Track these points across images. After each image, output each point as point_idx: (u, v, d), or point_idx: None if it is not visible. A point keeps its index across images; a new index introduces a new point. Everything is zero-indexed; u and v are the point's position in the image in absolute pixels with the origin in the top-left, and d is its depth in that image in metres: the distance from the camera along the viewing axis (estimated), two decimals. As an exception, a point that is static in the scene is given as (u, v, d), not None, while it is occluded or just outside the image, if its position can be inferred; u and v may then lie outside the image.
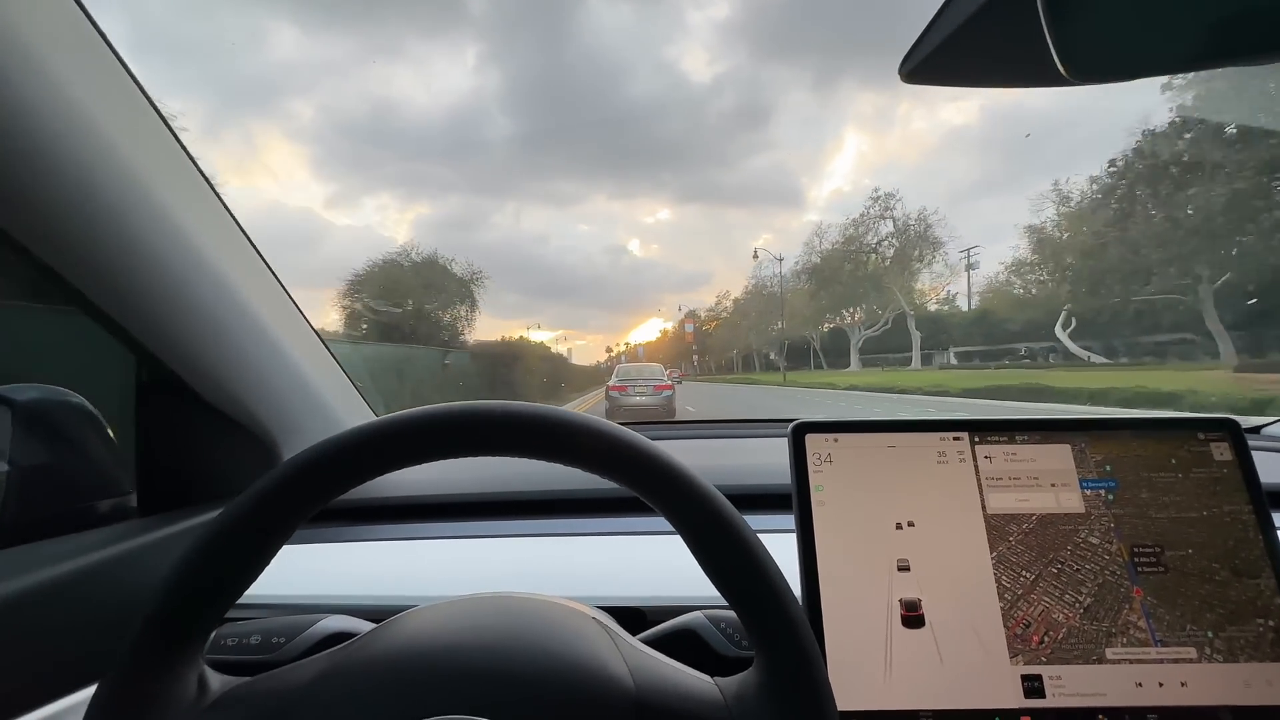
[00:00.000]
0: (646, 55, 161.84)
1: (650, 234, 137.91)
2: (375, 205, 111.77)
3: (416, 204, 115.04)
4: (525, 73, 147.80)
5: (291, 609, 0.53)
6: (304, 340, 0.71)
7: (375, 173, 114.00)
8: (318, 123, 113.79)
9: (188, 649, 0.32)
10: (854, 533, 0.47)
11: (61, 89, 0.43)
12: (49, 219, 0.45)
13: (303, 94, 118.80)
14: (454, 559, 0.63)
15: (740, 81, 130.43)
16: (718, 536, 0.33)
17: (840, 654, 0.43)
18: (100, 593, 0.52)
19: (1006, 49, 0.36)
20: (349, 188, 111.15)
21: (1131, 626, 0.44)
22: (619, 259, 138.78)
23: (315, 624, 0.47)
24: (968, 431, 0.49)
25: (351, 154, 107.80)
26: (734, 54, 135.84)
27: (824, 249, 42.34)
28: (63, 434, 0.62)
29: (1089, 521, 0.47)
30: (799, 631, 0.32)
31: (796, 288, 44.85)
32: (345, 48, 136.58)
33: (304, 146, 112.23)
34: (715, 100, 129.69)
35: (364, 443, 0.33)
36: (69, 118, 0.43)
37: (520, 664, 0.33)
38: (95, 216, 0.46)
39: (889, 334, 36.97)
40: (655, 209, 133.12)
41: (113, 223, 0.47)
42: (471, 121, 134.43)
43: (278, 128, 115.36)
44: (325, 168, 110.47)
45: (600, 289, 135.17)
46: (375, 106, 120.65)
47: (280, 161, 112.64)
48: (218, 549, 0.32)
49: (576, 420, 0.33)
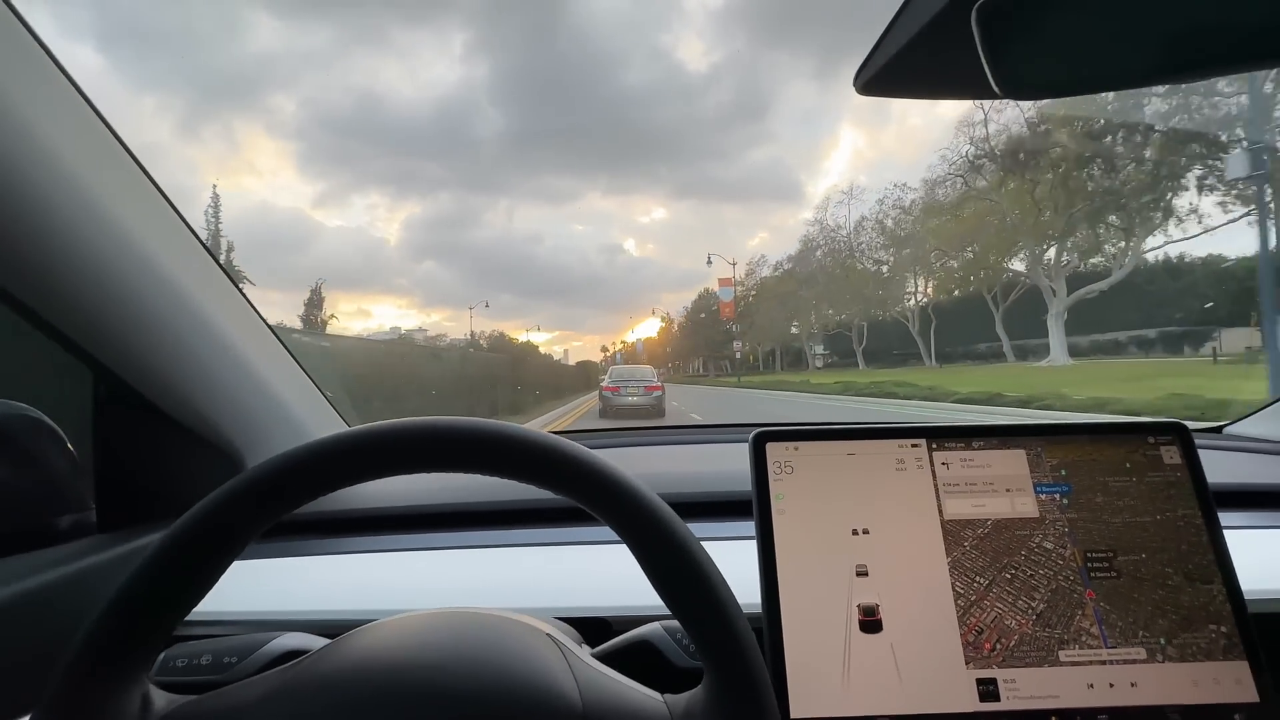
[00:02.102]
0: (641, 42, 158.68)
1: (646, 233, 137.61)
2: (365, 205, 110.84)
3: (407, 202, 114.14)
4: (514, 62, 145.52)
5: (248, 625, 0.53)
6: (267, 349, 0.71)
7: (363, 169, 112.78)
8: (301, 118, 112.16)
9: (131, 669, 0.32)
10: (813, 540, 0.47)
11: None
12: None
13: (284, 87, 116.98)
14: (417, 571, 0.63)
15: (739, 69, 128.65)
16: (662, 550, 0.33)
17: (799, 660, 0.44)
18: (56, 612, 0.51)
19: (950, 65, 0.37)
20: (337, 186, 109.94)
21: (1084, 633, 0.44)
22: (615, 258, 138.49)
23: (268, 643, 0.46)
24: (925, 438, 0.50)
25: (338, 150, 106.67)
26: (732, 40, 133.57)
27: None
28: (19, 448, 0.61)
29: (1043, 526, 0.47)
30: (744, 648, 0.32)
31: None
32: (324, 36, 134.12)
33: (288, 143, 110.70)
34: (712, 90, 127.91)
35: (311, 460, 0.33)
36: (7, 126, 0.42)
37: (468, 683, 0.33)
38: (40, 228, 0.45)
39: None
40: (650, 206, 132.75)
41: (59, 234, 0.47)
42: (460, 114, 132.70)
43: (259, 123, 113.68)
44: (312, 165, 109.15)
45: (596, 289, 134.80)
46: (360, 100, 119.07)
47: (265, 160, 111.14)
48: (160, 568, 0.31)
49: (512, 433, 0.33)
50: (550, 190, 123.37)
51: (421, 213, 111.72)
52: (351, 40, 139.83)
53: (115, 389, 0.60)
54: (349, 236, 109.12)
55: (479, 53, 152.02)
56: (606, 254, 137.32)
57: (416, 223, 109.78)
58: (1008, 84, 0.30)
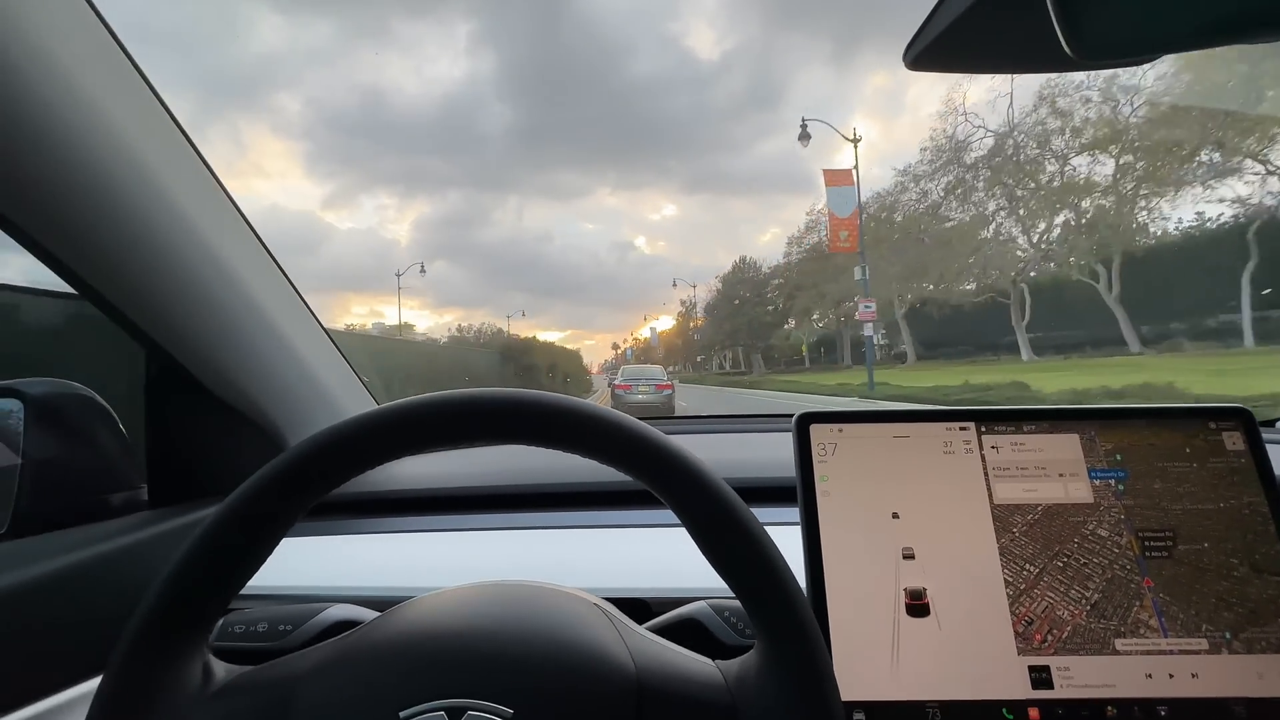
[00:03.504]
0: (649, 29, 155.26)
1: (657, 230, 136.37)
2: (374, 205, 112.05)
3: (415, 201, 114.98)
4: (520, 53, 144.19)
5: (298, 599, 0.54)
6: (310, 335, 0.72)
7: (371, 168, 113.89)
8: (307, 117, 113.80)
9: (191, 639, 0.33)
10: (858, 522, 0.46)
11: (70, 83, 0.43)
12: (58, 211, 0.45)
13: (288, 86, 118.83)
14: (457, 551, 0.63)
15: (751, 55, 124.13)
16: (721, 522, 0.32)
17: (846, 644, 0.43)
18: (110, 583, 0.53)
19: (1011, 33, 0.35)
20: (346, 186, 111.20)
21: (1142, 625, 0.43)
22: (626, 255, 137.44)
23: (321, 613, 0.47)
24: (974, 421, 0.49)
25: (345, 149, 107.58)
26: (745, 23, 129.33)
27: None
28: (74, 427, 0.63)
29: (1098, 513, 0.46)
30: (800, 613, 0.32)
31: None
32: (326, 30, 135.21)
33: (295, 142, 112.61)
34: (724, 78, 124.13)
35: (365, 431, 0.33)
36: (78, 111, 0.43)
37: (521, 648, 0.33)
38: (104, 210, 0.47)
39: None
40: (661, 202, 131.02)
41: (122, 216, 0.48)
42: (466, 110, 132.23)
43: (265, 123, 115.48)
44: (319, 165, 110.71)
45: (607, 287, 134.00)
46: (365, 97, 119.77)
47: (272, 162, 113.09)
48: (216, 541, 0.32)
49: (587, 410, 0.33)
50: (559, 186, 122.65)
51: (431, 212, 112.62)
52: (354, 34, 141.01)
53: (166, 368, 0.62)
54: (360, 238, 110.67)
55: (483, 44, 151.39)
56: (618, 251, 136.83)
57: (426, 223, 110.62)
58: (1084, 46, 0.29)
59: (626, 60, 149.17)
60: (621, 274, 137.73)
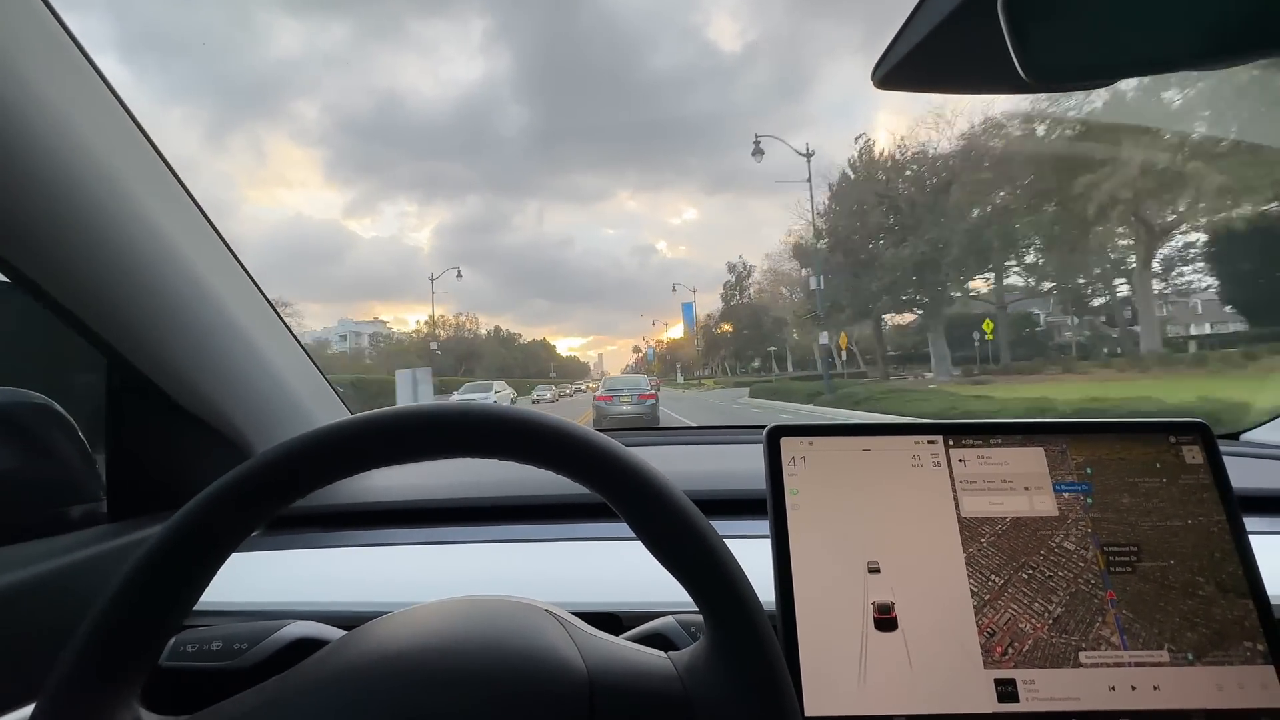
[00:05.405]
0: (670, 20, 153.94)
1: (678, 233, 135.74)
2: (395, 212, 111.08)
3: (435, 208, 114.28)
4: (536, 51, 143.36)
5: (257, 616, 0.52)
6: (279, 342, 0.71)
7: (390, 175, 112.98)
8: (324, 123, 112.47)
9: (120, 690, 0.30)
10: (828, 536, 0.46)
11: (30, 88, 0.42)
12: (14, 216, 0.44)
13: (305, 92, 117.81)
14: (425, 565, 0.62)
15: (775, 45, 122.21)
16: (649, 504, 0.32)
17: (814, 658, 0.43)
18: (66, 598, 0.51)
19: (973, 56, 0.36)
20: (366, 193, 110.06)
21: (1104, 642, 0.43)
22: (648, 259, 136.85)
23: (278, 630, 0.46)
24: (942, 435, 0.49)
25: (363, 155, 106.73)
26: (770, 10, 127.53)
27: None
28: (30, 437, 0.61)
29: (1065, 525, 0.47)
30: (741, 590, 0.32)
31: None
32: (341, 33, 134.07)
33: (314, 150, 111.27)
34: (747, 70, 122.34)
35: (326, 443, 0.32)
36: (38, 116, 0.42)
37: (471, 662, 0.33)
38: (62, 215, 0.46)
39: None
40: (681, 205, 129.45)
41: (81, 221, 0.47)
42: (483, 112, 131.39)
43: (283, 130, 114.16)
44: (338, 172, 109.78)
45: (629, 292, 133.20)
46: (381, 101, 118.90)
47: (294, 171, 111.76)
48: (150, 577, 0.29)
49: (541, 421, 0.33)
50: (579, 189, 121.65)
51: (451, 218, 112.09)
52: (369, 35, 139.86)
53: (129, 378, 0.60)
54: (383, 246, 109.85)
55: (499, 42, 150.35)
56: (639, 255, 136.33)
57: (447, 229, 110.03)
58: (1037, 72, 0.30)
59: (645, 54, 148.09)
60: (643, 279, 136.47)
